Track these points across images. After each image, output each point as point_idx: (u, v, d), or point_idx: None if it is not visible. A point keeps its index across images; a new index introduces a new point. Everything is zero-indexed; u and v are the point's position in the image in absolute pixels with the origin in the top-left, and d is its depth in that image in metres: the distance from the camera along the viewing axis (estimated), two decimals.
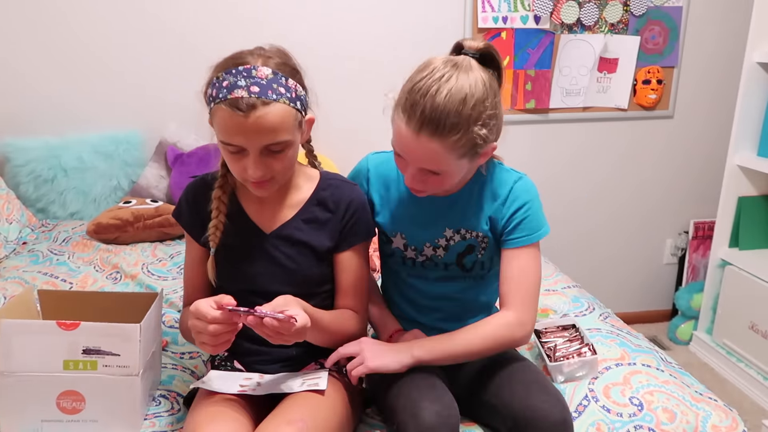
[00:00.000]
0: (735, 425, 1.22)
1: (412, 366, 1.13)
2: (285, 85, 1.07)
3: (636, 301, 2.96)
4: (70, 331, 1.10)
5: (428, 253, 1.26)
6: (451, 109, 1.03)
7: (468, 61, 1.08)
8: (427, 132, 1.04)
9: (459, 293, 1.29)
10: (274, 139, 1.07)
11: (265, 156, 1.09)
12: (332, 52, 2.40)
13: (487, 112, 1.06)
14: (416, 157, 1.09)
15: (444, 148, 1.06)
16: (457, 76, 1.04)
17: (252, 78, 1.05)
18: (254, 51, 1.11)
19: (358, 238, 1.25)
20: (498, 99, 1.10)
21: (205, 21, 2.32)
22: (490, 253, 1.26)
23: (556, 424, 1.04)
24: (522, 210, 1.20)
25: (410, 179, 1.14)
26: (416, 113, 1.04)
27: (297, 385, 1.13)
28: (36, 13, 2.24)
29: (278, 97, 1.06)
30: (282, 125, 1.07)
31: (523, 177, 1.24)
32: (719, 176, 2.43)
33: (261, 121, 1.04)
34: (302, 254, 1.21)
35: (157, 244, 2.08)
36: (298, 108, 1.10)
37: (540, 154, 2.67)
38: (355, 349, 1.15)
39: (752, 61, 2.24)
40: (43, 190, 2.22)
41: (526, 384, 1.11)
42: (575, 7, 2.46)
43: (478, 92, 1.05)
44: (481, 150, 1.11)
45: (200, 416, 1.07)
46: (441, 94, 1.03)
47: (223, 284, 1.23)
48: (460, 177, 1.16)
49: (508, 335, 1.17)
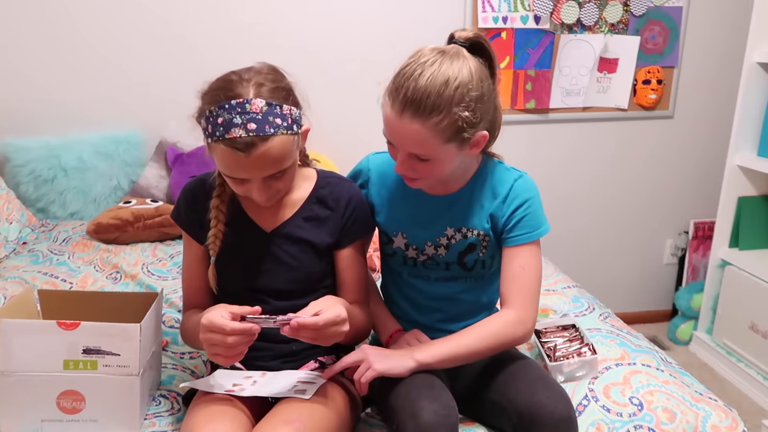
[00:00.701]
0: (735, 425, 1.22)
1: (417, 370, 1.13)
2: (281, 114, 1.06)
3: (636, 301, 2.96)
4: (70, 331, 1.10)
5: (430, 252, 1.26)
6: (432, 90, 1.04)
7: (456, 49, 1.09)
8: (409, 113, 1.05)
9: (460, 294, 1.29)
10: (277, 169, 1.09)
11: (269, 180, 1.11)
12: (333, 54, 2.40)
13: (471, 95, 1.06)
14: (402, 140, 1.10)
15: (426, 130, 1.06)
16: (441, 61, 1.06)
17: (247, 114, 1.03)
18: (244, 76, 1.08)
19: (359, 235, 1.26)
20: (487, 86, 1.10)
21: (205, 22, 2.32)
22: (491, 252, 1.26)
23: (561, 421, 1.04)
24: (522, 208, 1.20)
25: (400, 165, 1.15)
26: (399, 95, 1.06)
27: (285, 391, 1.13)
28: (36, 13, 2.24)
29: (276, 130, 1.05)
30: (283, 155, 1.08)
31: (523, 175, 1.24)
32: (719, 176, 2.43)
33: (262, 157, 1.05)
34: (303, 251, 1.22)
35: (157, 244, 2.08)
36: (295, 131, 1.09)
37: (540, 154, 2.67)
38: (359, 357, 1.15)
39: (752, 61, 2.24)
40: (43, 190, 2.22)
41: (530, 381, 1.12)
42: (575, 7, 2.46)
43: (462, 76, 1.05)
44: (468, 136, 1.10)
45: (199, 416, 1.07)
46: (424, 76, 1.04)
47: (225, 285, 1.23)
48: (452, 166, 1.15)
49: (509, 334, 1.17)
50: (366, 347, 1.18)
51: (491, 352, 1.18)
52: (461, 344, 1.15)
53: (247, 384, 1.15)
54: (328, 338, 1.06)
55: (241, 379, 1.18)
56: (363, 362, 1.14)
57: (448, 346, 1.15)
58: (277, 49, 2.37)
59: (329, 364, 1.25)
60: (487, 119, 1.12)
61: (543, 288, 1.77)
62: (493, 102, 1.14)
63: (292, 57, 2.37)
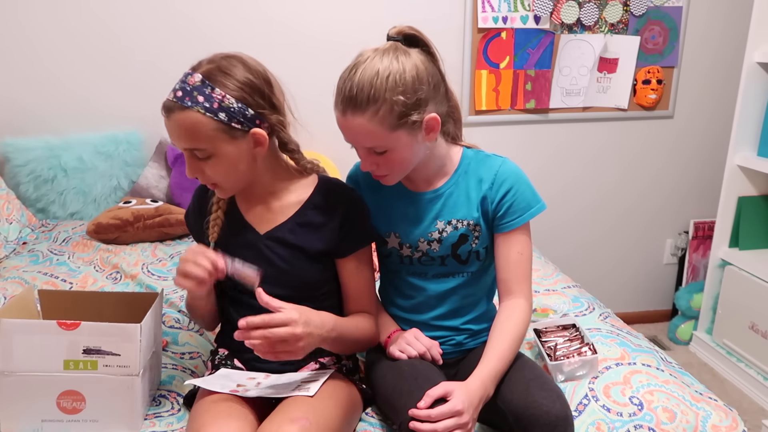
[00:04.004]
0: (735, 425, 1.22)
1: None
2: (207, 95, 1.08)
3: (636, 301, 2.96)
4: (71, 331, 1.11)
5: (423, 248, 1.27)
6: (364, 83, 1.08)
7: (391, 45, 1.13)
8: (351, 110, 1.10)
9: (458, 289, 1.29)
10: (191, 145, 1.11)
11: (195, 160, 1.13)
12: (333, 55, 2.38)
13: (405, 80, 1.09)
14: (353, 137, 1.15)
15: (369, 121, 1.10)
16: (373, 58, 1.11)
17: (183, 83, 1.11)
18: (215, 56, 1.14)
19: (357, 244, 1.25)
20: (427, 71, 1.12)
21: (205, 21, 2.32)
22: (484, 242, 1.27)
23: (557, 420, 1.04)
24: (511, 192, 1.22)
25: (363, 163, 1.19)
26: (340, 97, 1.12)
27: (288, 390, 1.13)
28: (36, 14, 2.24)
29: (193, 105, 1.08)
30: (195, 134, 1.09)
31: (505, 160, 1.26)
32: (719, 176, 2.43)
33: (174, 124, 1.11)
34: (295, 257, 1.21)
35: (157, 244, 2.08)
36: (220, 119, 1.08)
37: (539, 155, 2.67)
38: (451, 402, 1.05)
39: (752, 61, 2.24)
40: (43, 190, 2.22)
41: (525, 381, 1.12)
42: (575, 7, 2.46)
43: (393, 66, 1.09)
44: (416, 120, 1.12)
45: (205, 416, 1.07)
46: (356, 74, 1.10)
47: (219, 283, 1.24)
48: (413, 154, 1.17)
49: (528, 322, 1.24)
50: (455, 390, 1.06)
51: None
52: (509, 355, 1.16)
53: (251, 385, 1.16)
54: (280, 345, 1.06)
55: (245, 380, 1.18)
56: (462, 421, 1.03)
57: (502, 363, 1.15)
58: (278, 48, 2.37)
59: (330, 365, 1.25)
60: (435, 102, 1.15)
61: (543, 288, 1.79)
62: (440, 86, 1.17)
63: (293, 57, 2.38)
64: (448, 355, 1.29)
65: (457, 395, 1.04)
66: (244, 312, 1.23)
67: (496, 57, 2.49)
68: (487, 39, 2.47)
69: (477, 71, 2.50)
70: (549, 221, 2.72)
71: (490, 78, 2.51)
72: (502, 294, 1.25)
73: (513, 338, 1.18)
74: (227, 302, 1.27)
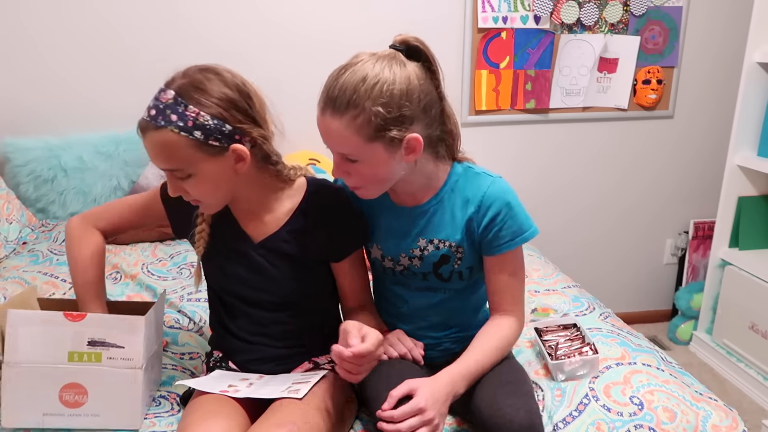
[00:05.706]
0: (735, 425, 1.22)
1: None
2: (181, 113, 1.03)
3: (636, 301, 2.96)
4: (77, 322, 1.11)
5: (405, 263, 1.24)
6: (348, 86, 1.03)
7: (391, 53, 1.08)
8: (329, 110, 1.05)
9: (442, 303, 1.27)
10: (168, 165, 1.07)
11: (175, 179, 1.10)
12: (334, 56, 2.37)
13: (392, 92, 1.03)
14: (328, 139, 1.09)
15: (344, 126, 1.04)
16: (365, 61, 1.06)
17: (156, 100, 1.06)
18: (190, 70, 1.08)
19: (348, 248, 1.24)
20: (421, 87, 1.07)
21: (206, 21, 2.32)
22: (468, 263, 1.22)
23: (520, 429, 1.01)
24: (500, 216, 1.16)
25: (335, 168, 1.13)
26: (323, 95, 1.07)
27: (278, 392, 1.13)
28: (36, 14, 2.24)
29: (167, 124, 1.03)
30: (171, 153, 1.05)
31: (495, 180, 1.19)
32: (719, 176, 2.43)
33: (150, 144, 1.07)
34: (289, 265, 1.21)
35: (157, 244, 2.08)
36: (196, 137, 1.04)
37: (539, 155, 2.67)
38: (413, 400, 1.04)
39: (752, 61, 2.24)
40: (43, 190, 2.22)
41: (494, 388, 1.10)
42: (575, 7, 2.46)
43: (384, 75, 1.04)
44: (396, 137, 1.06)
45: (193, 415, 1.08)
46: (344, 75, 1.05)
47: (213, 287, 1.26)
48: (389, 172, 1.11)
49: (516, 338, 1.23)
50: (420, 388, 1.05)
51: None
52: (483, 358, 1.15)
53: (242, 386, 1.16)
54: (368, 363, 1.05)
55: (237, 381, 1.18)
56: (426, 420, 1.02)
57: (476, 364, 1.14)
58: (277, 51, 2.37)
59: (323, 363, 1.25)
60: (422, 123, 1.09)
61: (543, 288, 1.79)
62: (433, 108, 1.11)
63: (293, 58, 2.38)
64: (436, 359, 1.27)
65: (421, 393, 1.03)
66: (240, 319, 1.24)
67: (496, 57, 2.49)
68: (487, 39, 2.47)
69: (477, 71, 2.50)
70: (549, 221, 2.73)
71: (490, 78, 2.51)
72: (493, 312, 1.23)
73: (495, 347, 1.16)
74: (222, 308, 1.27)
